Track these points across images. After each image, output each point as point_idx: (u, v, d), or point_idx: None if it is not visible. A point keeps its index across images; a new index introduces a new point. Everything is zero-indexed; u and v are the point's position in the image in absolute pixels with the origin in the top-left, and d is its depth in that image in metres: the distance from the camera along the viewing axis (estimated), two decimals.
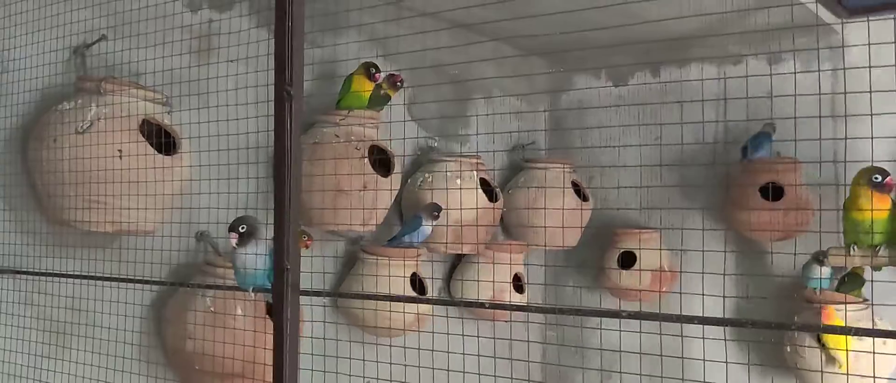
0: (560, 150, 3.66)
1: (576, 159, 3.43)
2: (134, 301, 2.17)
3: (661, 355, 1.54)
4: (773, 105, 3.02)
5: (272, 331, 2.07)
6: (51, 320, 2.07)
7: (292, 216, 1.30)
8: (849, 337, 2.61)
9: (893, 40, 1.32)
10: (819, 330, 2.26)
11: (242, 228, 1.62)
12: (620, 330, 1.47)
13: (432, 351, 1.71)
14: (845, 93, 1.39)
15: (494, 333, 2.19)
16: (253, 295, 1.71)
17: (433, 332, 1.77)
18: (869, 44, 1.40)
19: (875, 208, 1.69)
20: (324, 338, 2.23)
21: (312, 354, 1.74)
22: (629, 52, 3.44)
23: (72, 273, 2.04)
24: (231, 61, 2.28)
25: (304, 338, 2.22)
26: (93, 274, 2.03)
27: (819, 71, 1.58)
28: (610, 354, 3.08)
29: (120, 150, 1.88)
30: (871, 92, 1.43)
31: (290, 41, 1.28)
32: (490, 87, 3.32)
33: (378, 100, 2.55)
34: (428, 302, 2.33)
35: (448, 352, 1.73)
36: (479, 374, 1.63)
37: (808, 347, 2.81)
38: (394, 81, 2.58)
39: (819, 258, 2.78)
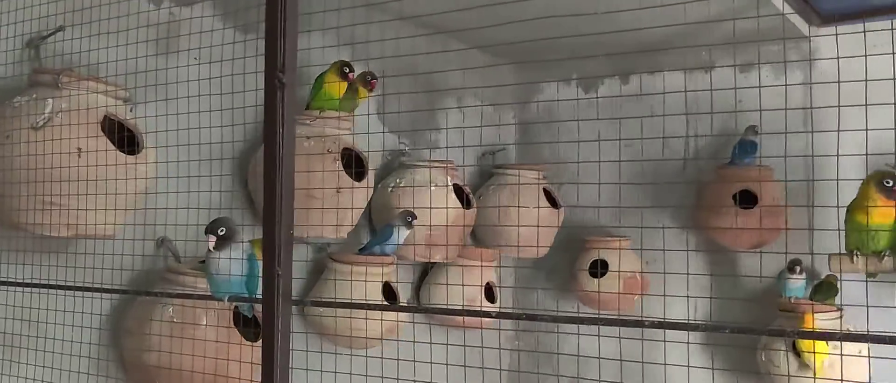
0: (531, 157, 3.59)
1: (546, 166, 3.36)
2: (90, 310, 2.01)
3: (635, 361, 1.47)
4: (740, 113, 3.01)
5: (240, 343, 1.98)
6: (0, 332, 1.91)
7: (285, 217, 1.19)
8: (825, 343, 2.60)
9: (864, 52, 1.29)
10: (797, 335, 2.21)
11: (221, 231, 1.50)
12: (598, 335, 1.41)
13: (411, 361, 1.61)
14: (812, 107, 1.33)
15: (465, 342, 2.10)
16: (228, 304, 1.58)
17: (412, 342, 1.67)
18: (838, 57, 1.37)
19: (881, 213, 1.64)
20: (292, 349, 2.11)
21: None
22: (599, 59, 3.39)
23: (23, 281, 1.89)
24: (194, 57, 2.17)
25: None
26: (46, 281, 1.89)
27: (786, 85, 1.53)
28: (583, 362, 3.01)
29: (79, 148, 1.75)
30: (839, 107, 1.40)
31: (282, 23, 1.17)
32: (461, 92, 3.24)
33: (350, 101, 2.44)
34: (407, 310, 2.22)
35: (413, 361, 1.64)
36: None
37: (782, 351, 2.78)
38: (367, 80, 2.47)
39: (793, 266, 2.76)
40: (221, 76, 1.85)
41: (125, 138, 1.84)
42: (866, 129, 1.32)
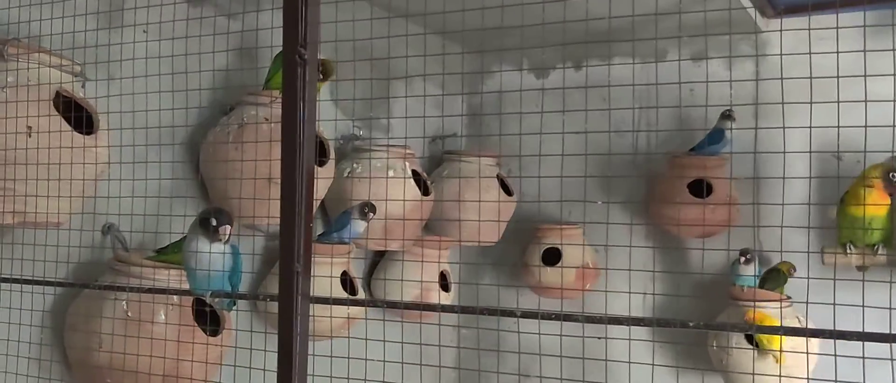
0: (481, 143, 3.51)
1: (498, 152, 3.30)
2: (30, 306, 1.83)
3: (599, 358, 1.42)
4: (696, 100, 3.01)
5: (206, 343, 1.83)
6: None
7: (305, 208, 1.07)
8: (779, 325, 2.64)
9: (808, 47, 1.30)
10: (753, 330, 2.22)
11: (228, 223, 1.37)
12: (540, 333, 1.38)
13: (367, 352, 1.52)
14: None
15: (421, 335, 2.02)
16: (210, 299, 1.45)
17: (372, 335, 1.58)
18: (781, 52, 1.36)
19: (875, 204, 1.63)
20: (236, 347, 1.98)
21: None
22: (550, 41, 3.34)
23: None
24: (143, 30, 2.01)
25: (227, 348, 1.98)
26: None
27: (731, 81, 1.50)
28: (533, 355, 2.97)
29: (29, 127, 1.57)
30: (783, 103, 1.39)
31: None
32: (412, 77, 3.14)
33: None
34: (372, 304, 2.11)
35: (362, 357, 1.54)
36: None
37: (736, 348, 2.80)
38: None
39: (745, 255, 2.78)
40: (173, 54, 1.71)
41: (78, 117, 1.67)
42: (810, 127, 1.32)
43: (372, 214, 2.41)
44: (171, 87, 1.76)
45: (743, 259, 2.83)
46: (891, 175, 1.75)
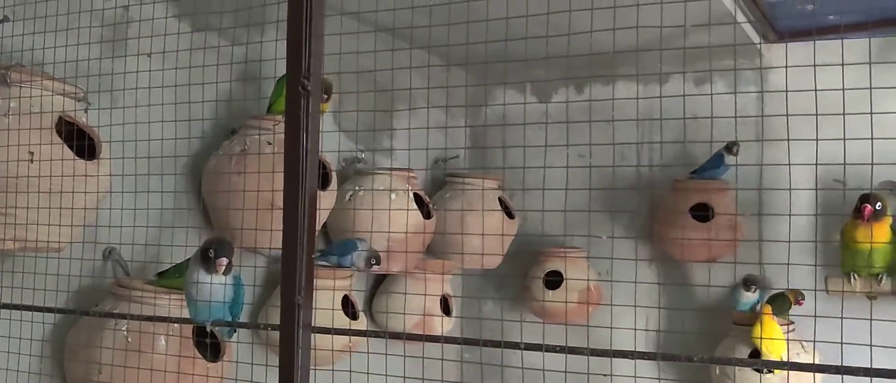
0: (483, 166, 3.50)
1: (500, 175, 3.29)
2: (30, 334, 1.82)
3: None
4: (699, 125, 3.01)
5: (206, 373, 1.82)
6: None
7: (306, 240, 1.06)
8: (784, 343, 2.63)
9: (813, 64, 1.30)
10: (768, 365, 2.20)
11: (231, 254, 1.36)
12: (544, 369, 1.37)
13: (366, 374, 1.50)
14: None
15: (423, 364, 2.01)
16: (210, 327, 1.43)
17: (369, 356, 1.56)
18: (787, 70, 1.37)
19: (874, 240, 1.63)
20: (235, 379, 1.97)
21: None
22: (553, 66, 3.34)
23: None
24: (146, 54, 2.00)
25: (228, 380, 1.97)
26: None
27: (735, 92, 1.49)
28: (531, 379, 2.95)
29: (31, 152, 1.56)
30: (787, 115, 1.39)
31: (308, 23, 1.04)
32: (415, 98, 3.14)
33: None
34: (376, 335, 2.09)
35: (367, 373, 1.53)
36: None
37: (737, 368, 2.78)
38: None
39: (747, 282, 2.77)
40: (177, 82, 1.71)
41: (80, 143, 1.67)
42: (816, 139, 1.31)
43: (376, 266, 2.40)
44: (174, 113, 1.76)
45: (752, 288, 2.82)
46: (862, 206, 1.74)
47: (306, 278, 1.08)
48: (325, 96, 2.24)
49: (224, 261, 1.36)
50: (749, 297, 2.86)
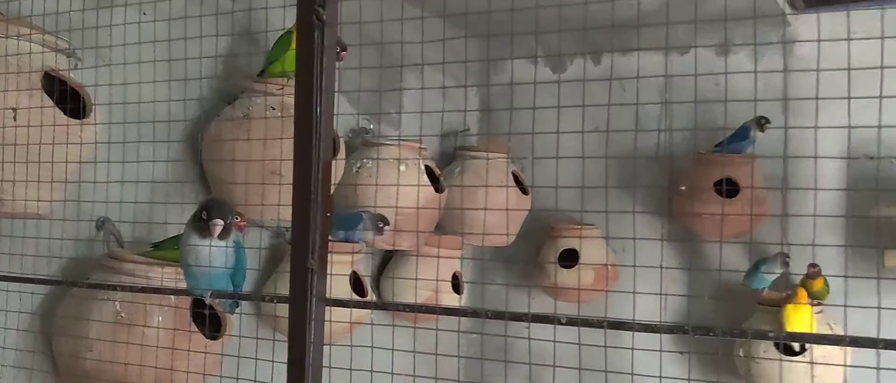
0: (495, 138, 3.37)
1: (512, 147, 3.15)
2: (11, 305, 1.68)
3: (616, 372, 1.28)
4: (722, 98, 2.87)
5: (205, 349, 1.69)
6: None
7: (321, 195, 0.92)
8: (810, 315, 2.52)
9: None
10: (781, 337, 2.09)
11: (230, 218, 1.22)
12: (555, 341, 1.23)
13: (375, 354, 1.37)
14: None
15: (437, 343, 1.88)
16: (210, 300, 1.30)
17: (380, 336, 1.43)
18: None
19: None
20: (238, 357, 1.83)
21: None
22: (568, 36, 3.20)
23: None
24: (143, 12, 1.86)
25: (229, 356, 1.84)
26: None
27: (755, 72, 1.35)
28: (540, 359, 2.83)
29: (14, 109, 1.43)
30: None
31: None
32: (425, 69, 2.99)
33: None
34: (382, 307, 1.96)
35: (369, 367, 1.39)
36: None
37: (764, 359, 2.66)
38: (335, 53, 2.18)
39: (784, 259, 2.65)
40: (170, 36, 1.57)
41: (68, 99, 1.53)
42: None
43: (385, 228, 2.26)
44: (169, 71, 1.62)
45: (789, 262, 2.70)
46: None
47: (321, 241, 0.94)
48: (340, 50, 2.10)
49: (219, 223, 1.22)
50: (771, 275, 2.74)
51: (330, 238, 2.27)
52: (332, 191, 2.29)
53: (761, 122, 2.76)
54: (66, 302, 1.76)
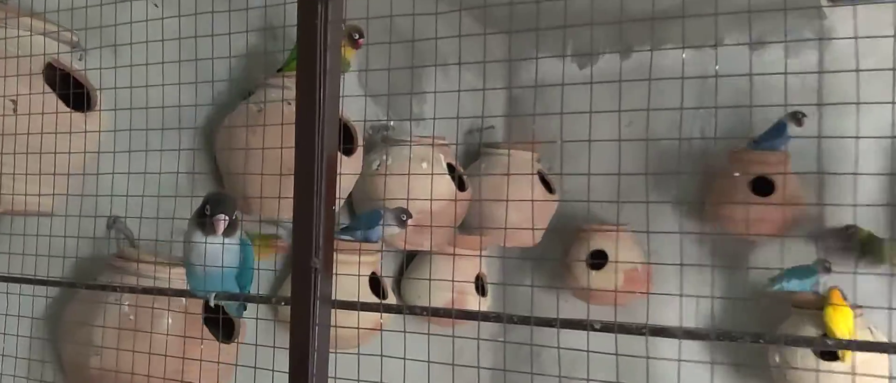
0: (520, 136, 3.28)
1: (537, 146, 3.06)
2: (22, 305, 1.62)
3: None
4: (756, 94, 2.76)
5: (218, 354, 1.62)
6: None
7: (325, 188, 0.84)
8: (852, 317, 2.40)
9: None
10: (817, 344, 1.99)
11: (236, 215, 1.15)
12: (588, 350, 1.12)
13: (398, 359, 1.27)
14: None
15: (454, 342, 1.78)
16: (215, 302, 1.22)
17: (401, 338, 1.34)
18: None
19: None
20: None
21: None
22: (597, 30, 3.10)
23: None
24: (154, 3, 1.80)
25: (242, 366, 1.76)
26: None
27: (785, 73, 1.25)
28: (569, 364, 2.73)
29: (14, 101, 1.36)
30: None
31: None
32: (447, 63, 2.91)
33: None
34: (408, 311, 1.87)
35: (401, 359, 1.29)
36: None
37: (802, 370, 2.54)
38: (353, 39, 2.11)
39: (825, 265, 2.53)
40: (181, 34, 1.49)
41: (74, 94, 1.46)
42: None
43: (408, 221, 2.18)
44: (180, 69, 1.54)
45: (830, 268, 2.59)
46: None
47: (325, 238, 0.86)
48: (358, 36, 2.02)
49: (222, 218, 1.14)
50: (793, 277, 2.63)
51: (349, 238, 2.21)
52: (349, 189, 2.24)
53: (798, 117, 2.65)
54: (73, 305, 1.69)
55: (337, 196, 0.90)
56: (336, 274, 1.22)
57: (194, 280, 1.20)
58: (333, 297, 0.95)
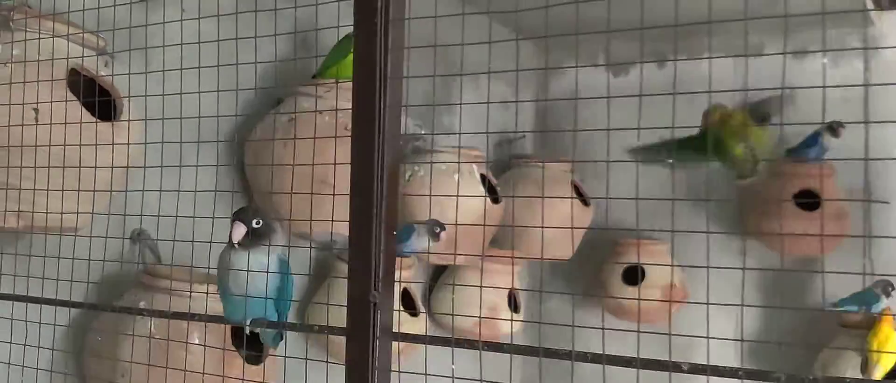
0: (551, 147, 3.19)
1: (571, 156, 2.97)
2: (43, 322, 1.53)
3: None
4: (796, 104, 2.66)
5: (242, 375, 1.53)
6: None
7: (386, 210, 0.76)
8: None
9: None
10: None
11: (257, 222, 1.05)
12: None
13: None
14: None
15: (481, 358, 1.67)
16: (251, 329, 1.13)
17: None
18: None
19: None
20: None
21: None
22: (632, 38, 3.00)
23: None
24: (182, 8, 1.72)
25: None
26: None
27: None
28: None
29: (36, 109, 1.29)
30: None
31: None
32: (477, 74, 2.82)
33: None
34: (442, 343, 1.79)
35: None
36: None
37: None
38: None
39: (887, 288, 2.42)
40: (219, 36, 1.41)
41: (99, 103, 1.39)
42: None
43: (442, 234, 2.09)
44: (215, 79, 1.46)
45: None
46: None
47: (385, 269, 0.77)
48: None
49: (240, 227, 1.05)
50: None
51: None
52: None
53: (834, 128, 2.54)
54: (99, 323, 1.61)
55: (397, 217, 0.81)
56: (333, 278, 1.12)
57: (229, 305, 1.11)
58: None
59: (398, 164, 0.81)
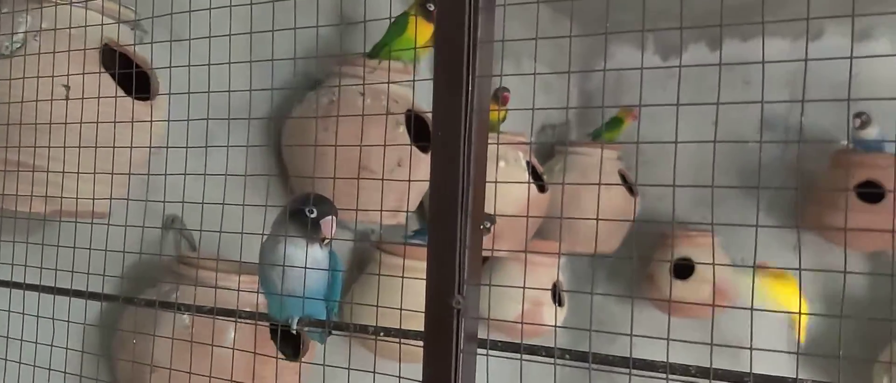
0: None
1: (620, 144, 2.84)
2: (70, 315, 1.44)
3: None
4: (858, 89, 2.51)
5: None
6: None
7: (473, 204, 0.65)
8: None
9: None
10: None
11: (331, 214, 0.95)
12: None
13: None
14: None
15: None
16: (298, 329, 1.02)
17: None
18: None
19: None
20: None
21: None
22: (682, 18, 2.87)
23: None
24: None
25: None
26: (6, 279, 1.32)
27: None
28: None
29: (66, 86, 1.19)
30: None
31: None
32: (519, 55, 2.70)
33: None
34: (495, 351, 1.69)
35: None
36: None
37: None
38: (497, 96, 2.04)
39: None
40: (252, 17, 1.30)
41: (132, 79, 1.28)
42: None
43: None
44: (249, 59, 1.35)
45: None
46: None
47: (470, 268, 0.66)
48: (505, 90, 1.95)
49: (331, 221, 0.94)
50: None
51: (421, 243, 2.01)
52: (423, 192, 2.05)
53: (862, 118, 2.42)
54: (128, 316, 1.52)
55: (483, 209, 0.70)
56: (404, 277, 1.00)
57: (278, 304, 1.01)
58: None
59: (485, 147, 0.70)
